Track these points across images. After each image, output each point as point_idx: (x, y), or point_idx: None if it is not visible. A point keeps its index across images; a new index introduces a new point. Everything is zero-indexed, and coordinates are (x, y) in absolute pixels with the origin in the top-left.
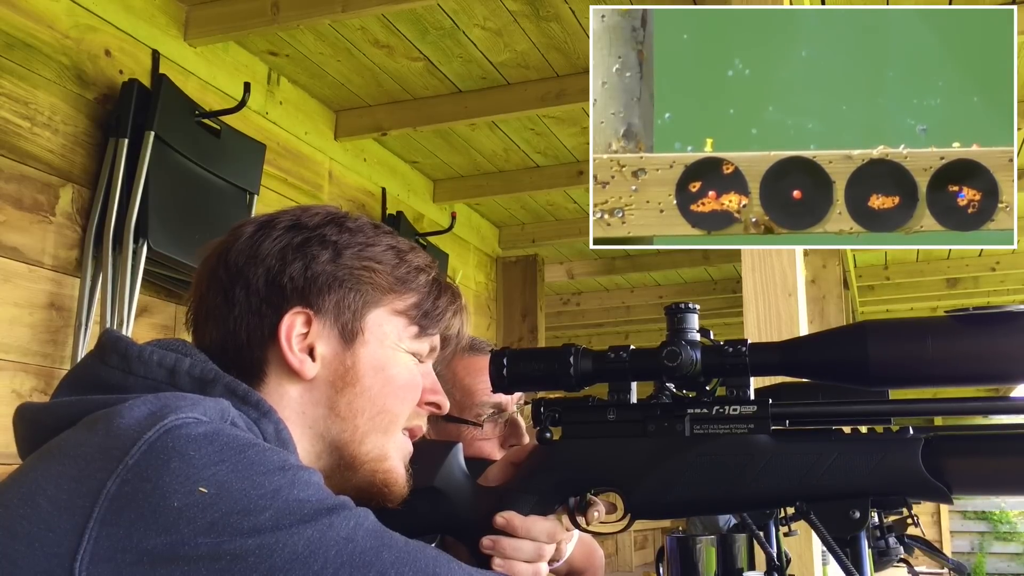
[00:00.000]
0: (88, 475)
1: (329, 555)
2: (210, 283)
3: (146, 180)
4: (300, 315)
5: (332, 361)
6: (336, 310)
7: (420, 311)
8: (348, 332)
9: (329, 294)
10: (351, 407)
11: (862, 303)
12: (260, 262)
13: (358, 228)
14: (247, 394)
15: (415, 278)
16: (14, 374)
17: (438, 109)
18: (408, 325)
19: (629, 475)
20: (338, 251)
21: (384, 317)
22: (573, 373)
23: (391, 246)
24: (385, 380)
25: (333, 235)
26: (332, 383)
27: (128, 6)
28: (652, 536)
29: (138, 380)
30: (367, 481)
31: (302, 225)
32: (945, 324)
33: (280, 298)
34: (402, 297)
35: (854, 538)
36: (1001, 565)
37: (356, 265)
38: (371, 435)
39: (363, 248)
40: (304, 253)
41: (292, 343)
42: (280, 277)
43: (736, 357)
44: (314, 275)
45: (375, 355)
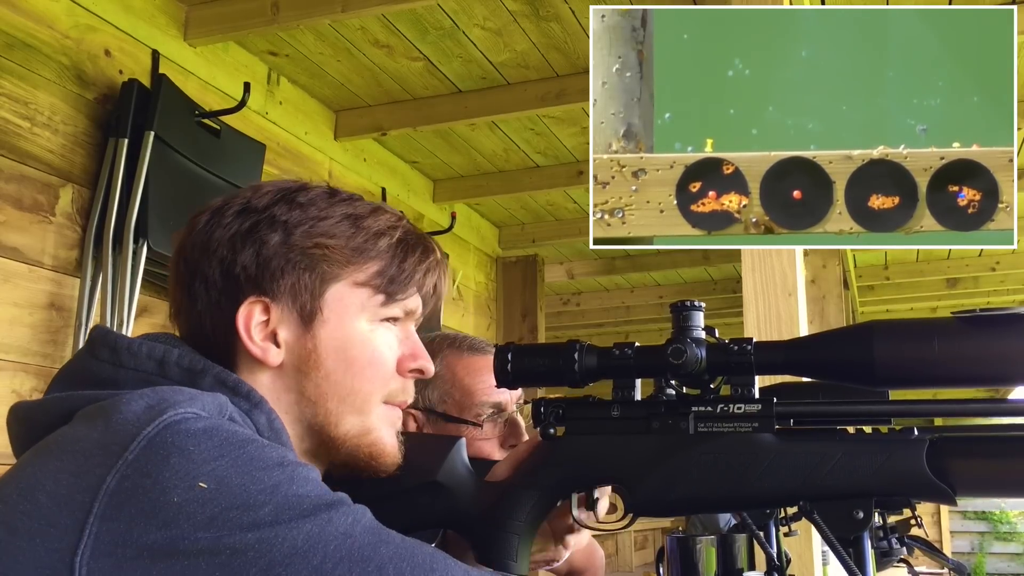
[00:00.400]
0: (87, 470)
1: (328, 549)
2: (175, 279)
3: (146, 180)
4: (257, 304)
5: (295, 346)
6: (292, 293)
7: (385, 278)
8: (307, 314)
9: (283, 278)
10: (319, 391)
11: (862, 303)
12: (213, 254)
13: (310, 201)
14: (237, 384)
15: (374, 245)
16: (14, 374)
17: (438, 109)
18: (373, 295)
19: (632, 472)
20: (288, 231)
21: (344, 291)
22: (577, 369)
23: (347, 215)
24: (348, 362)
25: (283, 214)
26: (298, 368)
27: (128, 6)
28: (652, 536)
29: (129, 373)
30: (352, 456)
31: (251, 208)
32: (952, 325)
33: (236, 288)
34: (362, 268)
35: (857, 538)
36: (1001, 565)
37: (307, 244)
38: (345, 416)
39: (315, 223)
40: (254, 238)
41: (252, 333)
42: (233, 267)
43: (741, 355)
44: (265, 260)
45: (336, 335)
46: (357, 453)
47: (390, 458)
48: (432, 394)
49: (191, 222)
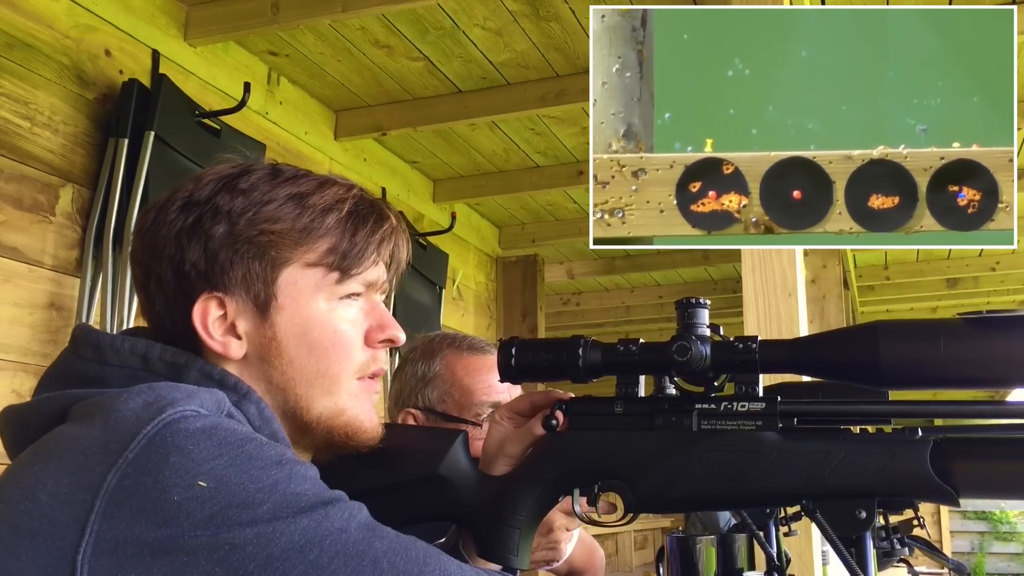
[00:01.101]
0: (88, 469)
1: (324, 545)
2: (133, 279)
3: (146, 180)
4: (211, 299)
5: (255, 336)
6: (245, 284)
7: (337, 254)
8: (262, 303)
9: (233, 270)
10: (285, 378)
11: (862, 303)
12: (161, 253)
13: (252, 187)
14: (223, 377)
15: (322, 222)
16: (14, 374)
17: (438, 109)
18: (327, 273)
19: (635, 468)
20: (232, 221)
21: (297, 274)
22: (581, 364)
23: (291, 195)
24: (309, 346)
25: (225, 204)
26: (261, 357)
27: (128, 6)
28: (652, 536)
29: (114, 370)
30: (328, 437)
31: (193, 201)
32: (958, 326)
33: (188, 286)
34: (312, 247)
35: (859, 538)
36: (1001, 565)
37: (252, 232)
38: (316, 400)
39: (258, 209)
40: (199, 233)
41: (210, 329)
42: (182, 265)
43: (746, 353)
44: (213, 254)
45: (294, 320)
46: (332, 434)
47: (368, 434)
48: (432, 394)
49: (139, 221)
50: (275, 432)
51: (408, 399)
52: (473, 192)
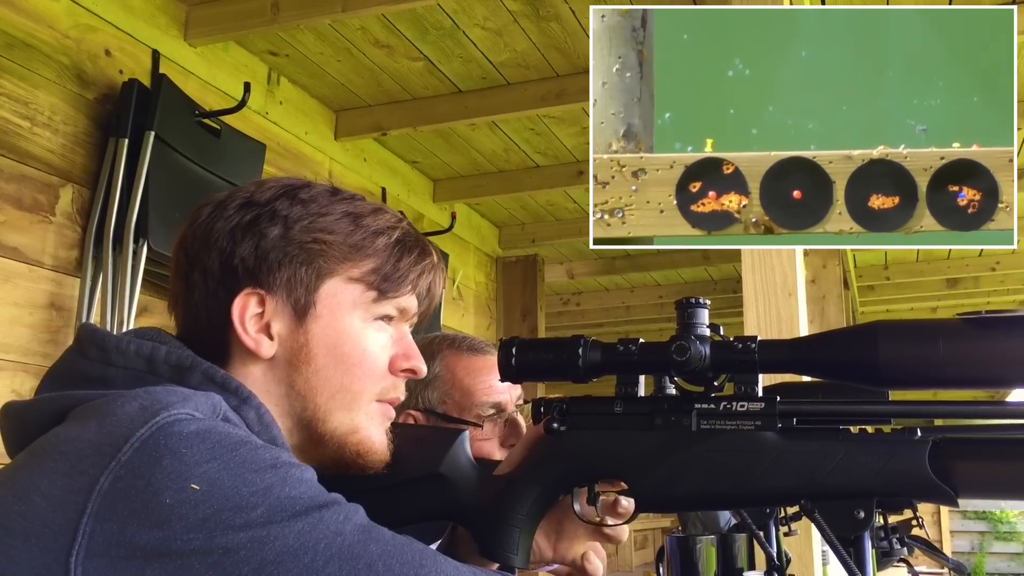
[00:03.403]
0: (81, 471)
1: (319, 548)
2: (175, 269)
3: (146, 180)
4: (253, 296)
5: (287, 339)
6: (288, 287)
7: (379, 275)
8: (300, 308)
9: (280, 271)
10: (308, 385)
11: (862, 303)
12: (213, 244)
13: (312, 198)
14: (225, 381)
15: (372, 242)
16: (14, 374)
17: (438, 109)
18: (366, 291)
19: (635, 468)
20: (288, 225)
21: (339, 286)
22: (582, 364)
23: (347, 212)
24: (338, 358)
25: (284, 209)
26: (289, 361)
27: (128, 6)
28: (652, 536)
29: (118, 371)
30: (338, 454)
31: (253, 202)
32: (957, 327)
33: (233, 280)
34: (358, 264)
35: (858, 538)
36: (1001, 565)
37: (306, 239)
38: (334, 413)
39: (315, 219)
40: (254, 231)
41: (247, 324)
42: (231, 258)
43: (746, 353)
44: (263, 253)
45: (327, 331)
46: (344, 450)
47: (378, 455)
48: (432, 395)
49: (194, 213)
50: (274, 438)
51: (408, 400)
52: (473, 192)
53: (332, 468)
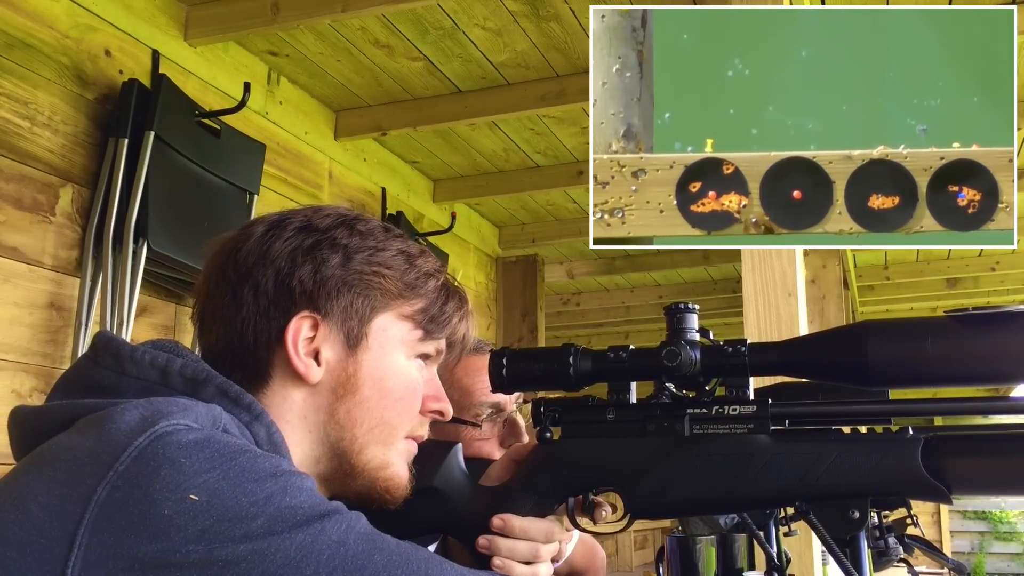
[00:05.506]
0: (78, 481)
1: (321, 559)
2: (219, 280)
3: (146, 180)
4: (307, 319)
5: (335, 367)
6: (343, 315)
7: (427, 316)
8: (352, 338)
9: (338, 299)
10: (350, 416)
11: (862, 303)
12: (270, 263)
13: (369, 232)
14: (239, 396)
15: (424, 283)
16: (14, 374)
17: (438, 109)
18: (413, 329)
19: (629, 474)
20: (348, 255)
21: (390, 321)
22: (572, 373)
23: (401, 250)
24: (383, 392)
25: (344, 238)
26: (334, 389)
27: (128, 6)
28: (652, 536)
29: (131, 381)
30: (368, 487)
31: (313, 227)
32: (945, 324)
33: (288, 301)
34: (410, 302)
35: (853, 538)
36: (1001, 565)
37: (366, 270)
38: (370, 445)
39: (374, 253)
40: (314, 256)
41: (299, 347)
42: (289, 280)
43: (735, 357)
44: (323, 279)
45: (376, 364)
46: (374, 484)
47: (401, 492)
48: None
49: (245, 230)
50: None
51: None
52: (473, 192)
53: (354, 499)
